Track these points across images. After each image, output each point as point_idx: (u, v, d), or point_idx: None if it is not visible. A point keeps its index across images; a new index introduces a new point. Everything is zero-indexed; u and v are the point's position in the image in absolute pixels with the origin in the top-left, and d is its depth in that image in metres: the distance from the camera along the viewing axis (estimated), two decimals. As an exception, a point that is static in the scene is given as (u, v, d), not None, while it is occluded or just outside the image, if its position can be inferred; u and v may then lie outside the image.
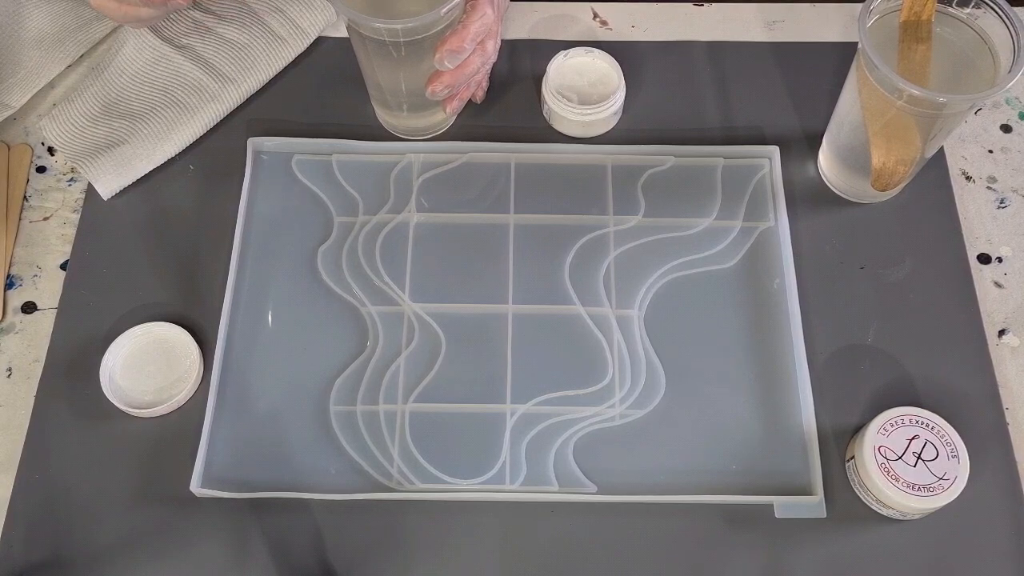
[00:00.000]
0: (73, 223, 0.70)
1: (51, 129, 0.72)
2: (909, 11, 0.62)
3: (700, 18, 0.80)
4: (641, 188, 0.71)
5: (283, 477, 0.61)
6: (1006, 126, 0.75)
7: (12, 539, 0.59)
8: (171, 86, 0.73)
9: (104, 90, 0.73)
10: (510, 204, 0.70)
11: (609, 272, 0.68)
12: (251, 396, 0.64)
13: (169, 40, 0.74)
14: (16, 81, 0.74)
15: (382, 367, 0.65)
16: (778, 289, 0.67)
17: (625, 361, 0.65)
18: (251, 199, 0.70)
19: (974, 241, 0.70)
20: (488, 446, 0.62)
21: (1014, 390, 0.65)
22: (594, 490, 0.61)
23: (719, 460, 0.62)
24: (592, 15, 0.80)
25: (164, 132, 0.71)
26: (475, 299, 0.67)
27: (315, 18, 0.75)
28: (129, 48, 0.74)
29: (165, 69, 0.73)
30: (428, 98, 0.67)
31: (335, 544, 0.60)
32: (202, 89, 0.72)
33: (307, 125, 0.73)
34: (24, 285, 0.68)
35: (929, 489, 0.57)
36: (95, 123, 0.72)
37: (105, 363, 0.63)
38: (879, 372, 0.65)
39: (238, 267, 0.67)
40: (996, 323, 0.67)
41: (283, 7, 0.75)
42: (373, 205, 0.70)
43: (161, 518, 0.60)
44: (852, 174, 0.69)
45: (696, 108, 0.75)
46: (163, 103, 0.72)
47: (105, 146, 0.70)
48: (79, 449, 0.62)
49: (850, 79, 0.65)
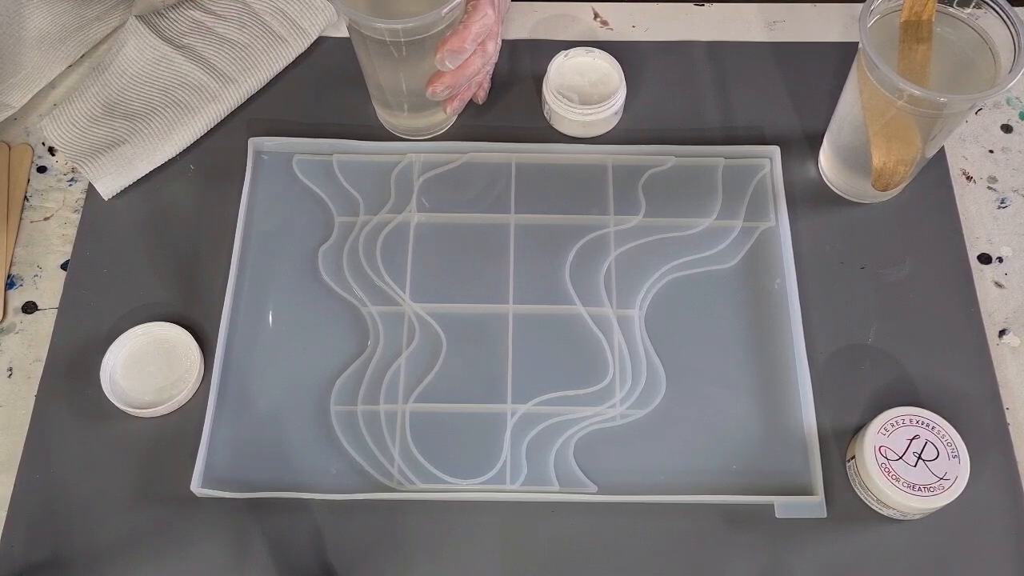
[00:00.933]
0: (74, 223, 0.70)
1: (52, 129, 0.72)
2: (910, 11, 0.62)
3: (701, 18, 0.80)
4: (642, 188, 0.71)
5: (283, 477, 0.61)
6: (1007, 126, 0.75)
7: (12, 539, 0.59)
8: (171, 86, 0.73)
9: (105, 90, 0.73)
10: (511, 204, 0.70)
11: (610, 272, 0.68)
12: (252, 396, 0.64)
13: (170, 40, 0.74)
14: (17, 81, 0.74)
15: (383, 367, 0.65)
16: (778, 289, 0.67)
17: (626, 361, 0.65)
18: (252, 199, 0.70)
19: (975, 241, 0.70)
20: (488, 446, 0.62)
21: (1014, 390, 0.65)
22: (594, 490, 0.61)
23: (719, 460, 0.62)
24: (593, 15, 0.80)
25: (165, 132, 0.71)
26: (476, 299, 0.67)
27: (315, 18, 0.75)
28: (130, 48, 0.74)
29: (165, 69, 0.73)
30: (429, 98, 0.67)
31: (335, 544, 0.60)
32: (202, 89, 0.72)
33: (308, 125, 0.73)
34: (25, 285, 0.68)
35: (929, 489, 0.57)
36: (96, 123, 0.72)
37: (105, 363, 0.63)
38: (879, 372, 0.65)
39: (239, 267, 0.67)
40: (996, 323, 0.67)
41: (283, 7, 0.75)
42: (374, 205, 0.70)
43: (161, 518, 0.60)
44: (853, 174, 0.69)
45: (697, 108, 0.75)
46: (163, 103, 0.72)
47: (106, 146, 0.70)
48: (79, 449, 0.62)
49: (851, 79, 0.65)
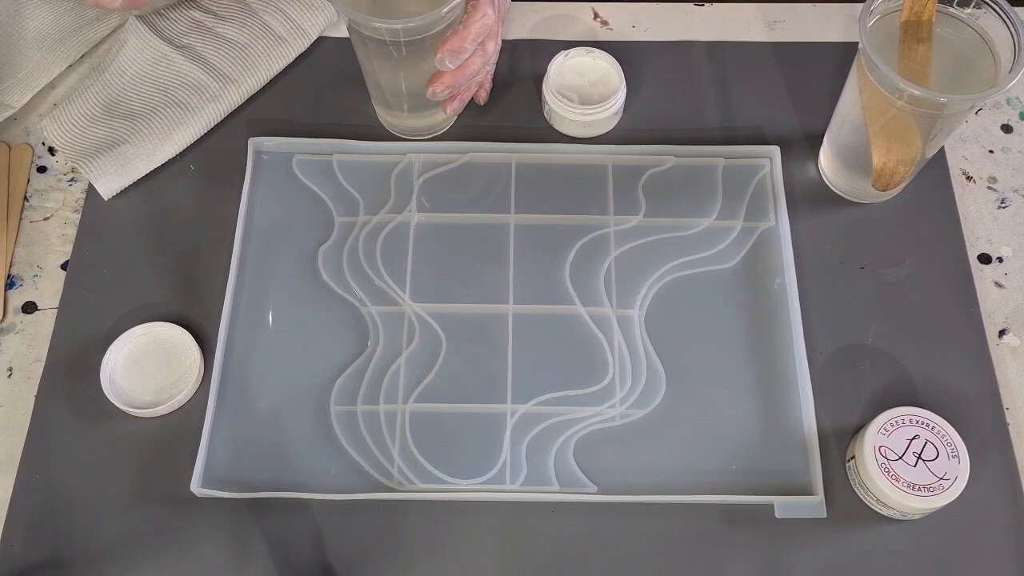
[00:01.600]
0: (74, 223, 0.70)
1: (52, 129, 0.72)
2: (910, 11, 0.62)
3: (701, 18, 0.80)
4: (642, 188, 0.71)
5: (283, 477, 0.61)
6: (1007, 126, 0.75)
7: (12, 539, 0.59)
8: (171, 86, 0.73)
9: (105, 90, 0.73)
10: (511, 204, 0.70)
11: (610, 272, 0.68)
12: (251, 396, 0.64)
13: (169, 40, 0.74)
14: (17, 81, 0.74)
15: (382, 367, 0.65)
16: (778, 289, 0.67)
17: (625, 361, 0.65)
18: (251, 199, 0.70)
19: (974, 241, 0.70)
20: (488, 446, 0.62)
21: (1014, 390, 0.65)
22: (594, 490, 0.61)
23: (719, 460, 0.62)
24: (593, 15, 0.80)
25: (165, 132, 0.71)
26: (475, 299, 0.67)
27: (315, 18, 0.75)
28: (130, 48, 0.74)
29: (166, 69, 0.73)
30: (429, 99, 0.67)
31: (335, 544, 0.60)
32: (203, 89, 0.72)
33: (307, 125, 0.73)
34: (24, 285, 0.68)
35: (929, 489, 0.57)
36: (95, 123, 0.72)
37: (105, 363, 0.63)
38: (879, 372, 0.65)
39: (239, 267, 0.67)
40: (996, 323, 0.67)
41: (283, 7, 0.75)
42: (374, 205, 0.70)
43: (161, 518, 0.60)
44: (852, 174, 0.69)
45: (697, 108, 0.75)
46: (163, 103, 0.72)
47: (106, 146, 0.70)
48: (79, 449, 0.62)
49: (851, 79, 0.65)
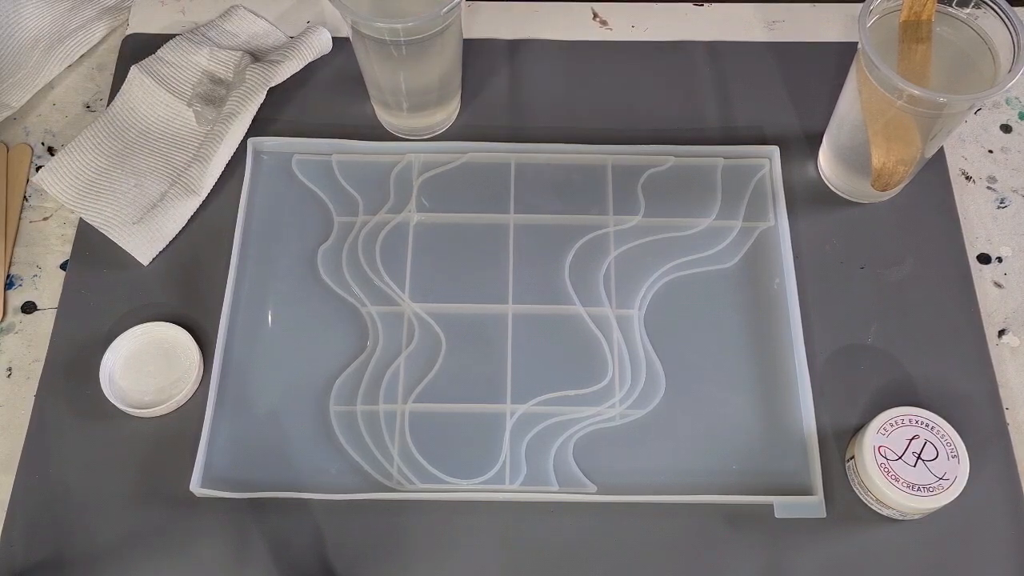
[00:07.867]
0: (73, 223, 0.70)
1: (68, 195, 0.69)
2: (909, 11, 0.62)
3: (700, 18, 0.80)
4: (641, 188, 0.71)
5: (283, 477, 0.61)
6: (1006, 126, 0.75)
7: (12, 539, 0.59)
8: (189, 140, 0.71)
9: (123, 152, 0.71)
10: (510, 204, 0.70)
11: (609, 272, 0.68)
12: (251, 396, 0.64)
13: (178, 93, 0.73)
14: (16, 81, 0.74)
15: (382, 367, 0.65)
16: (778, 289, 0.67)
17: (625, 361, 0.65)
18: (251, 199, 0.70)
19: (974, 241, 0.70)
20: (488, 446, 0.62)
21: (1014, 390, 0.65)
22: (594, 490, 0.61)
23: (719, 460, 0.62)
24: (592, 15, 0.80)
25: (190, 190, 0.69)
26: (475, 299, 0.67)
27: (311, 48, 0.74)
28: (142, 106, 0.72)
29: (182, 126, 0.72)
30: (428, 98, 0.67)
31: (335, 544, 0.60)
32: (216, 137, 0.70)
33: (307, 125, 0.73)
34: (24, 285, 0.68)
35: (929, 489, 0.57)
36: (121, 194, 0.69)
37: (105, 363, 0.63)
38: (879, 372, 0.65)
39: (238, 267, 0.67)
40: (996, 323, 0.67)
41: (282, 47, 0.74)
42: (373, 205, 0.70)
43: (161, 518, 0.60)
44: (852, 174, 0.69)
45: (696, 108, 0.75)
46: (184, 160, 0.70)
47: (137, 216, 0.68)
48: (79, 449, 0.62)
49: (850, 79, 0.65)
